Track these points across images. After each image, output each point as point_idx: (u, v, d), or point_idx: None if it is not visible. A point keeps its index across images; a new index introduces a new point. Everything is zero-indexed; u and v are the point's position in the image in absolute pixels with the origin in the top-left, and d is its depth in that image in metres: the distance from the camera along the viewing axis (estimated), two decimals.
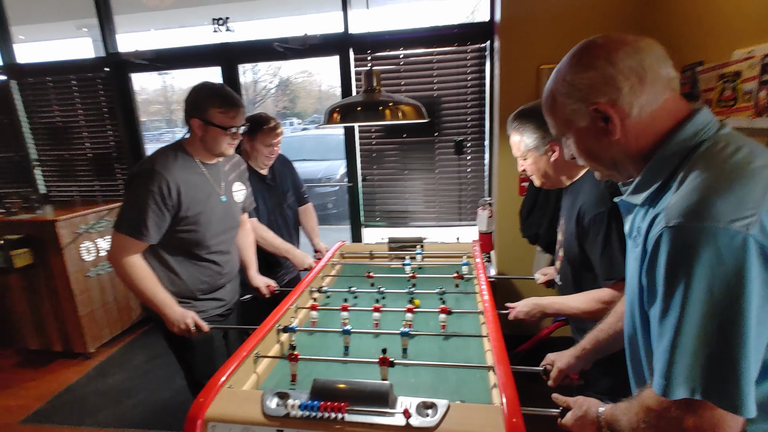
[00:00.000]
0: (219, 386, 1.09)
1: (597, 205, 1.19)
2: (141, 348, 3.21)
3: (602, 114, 0.74)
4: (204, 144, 1.56)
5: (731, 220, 0.60)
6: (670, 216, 0.64)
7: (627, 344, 0.88)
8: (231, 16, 3.07)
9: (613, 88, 0.72)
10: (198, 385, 1.65)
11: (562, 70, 0.78)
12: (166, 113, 15.80)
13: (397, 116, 1.45)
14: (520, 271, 2.76)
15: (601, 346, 1.11)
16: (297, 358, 1.24)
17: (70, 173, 3.57)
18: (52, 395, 2.65)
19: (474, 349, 1.41)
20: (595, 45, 0.75)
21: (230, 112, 1.51)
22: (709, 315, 0.60)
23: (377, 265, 2.19)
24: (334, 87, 14.65)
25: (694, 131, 0.71)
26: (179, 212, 1.52)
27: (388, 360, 1.17)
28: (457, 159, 2.98)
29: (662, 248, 0.65)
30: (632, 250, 0.82)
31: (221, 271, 1.70)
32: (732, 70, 1.54)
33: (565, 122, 0.80)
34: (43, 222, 2.82)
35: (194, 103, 1.52)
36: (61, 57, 3.39)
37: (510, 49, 2.50)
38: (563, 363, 1.17)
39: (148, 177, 1.46)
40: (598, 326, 1.12)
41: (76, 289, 2.92)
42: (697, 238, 0.61)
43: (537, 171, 1.38)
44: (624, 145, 0.75)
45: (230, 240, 1.75)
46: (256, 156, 2.08)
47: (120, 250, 1.47)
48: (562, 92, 0.77)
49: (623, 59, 0.71)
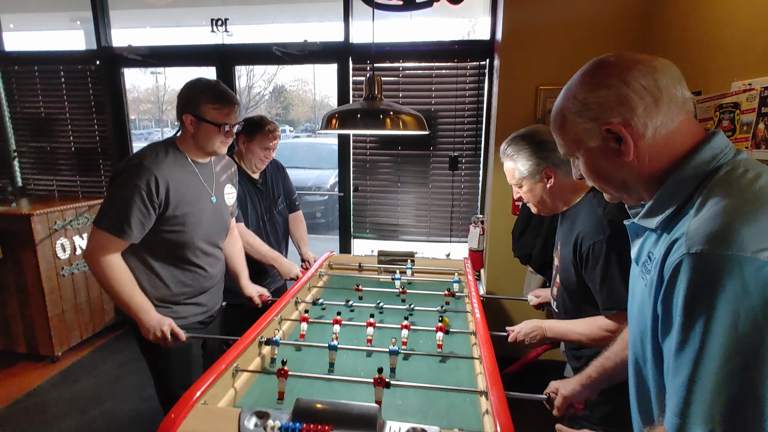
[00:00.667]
0: (193, 402, 1.01)
1: (595, 233, 1.16)
2: (112, 353, 3.05)
3: (615, 134, 0.71)
4: (196, 141, 1.50)
5: (758, 250, 0.57)
6: (692, 242, 0.61)
7: (632, 375, 0.83)
8: (230, 18, 3.03)
9: (627, 107, 0.69)
10: (171, 397, 1.55)
11: (573, 87, 0.75)
12: (156, 112, 15.61)
13: (398, 126, 1.41)
14: (510, 291, 2.73)
15: (608, 374, 1.07)
16: (287, 374, 1.15)
17: (50, 166, 3.44)
18: (12, 399, 2.49)
19: (464, 370, 1.35)
20: (609, 63, 0.72)
21: (224, 109, 1.46)
22: (733, 351, 0.56)
23: (366, 278, 2.13)
24: (329, 97, 14.63)
25: (711, 155, 0.68)
26: (166, 211, 1.44)
27: (384, 381, 1.09)
28: (451, 175, 2.97)
29: (682, 275, 0.61)
30: (641, 277, 0.78)
31: (206, 276, 1.62)
32: (730, 101, 1.55)
33: (574, 141, 0.77)
34: (17, 216, 2.69)
35: (187, 98, 1.46)
36: (52, 48, 3.29)
37: (509, 69, 2.51)
38: (568, 391, 1.13)
39: (135, 172, 1.38)
40: (604, 354, 1.08)
41: (47, 287, 2.78)
42: (721, 266, 0.57)
43: (533, 198, 1.35)
44: (637, 167, 0.72)
45: (218, 243, 1.68)
46: (251, 158, 2.03)
47: (98, 248, 1.38)
48: (573, 110, 0.74)
49: (637, 78, 0.69)
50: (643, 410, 0.82)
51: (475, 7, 2.87)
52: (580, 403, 1.13)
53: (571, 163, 0.85)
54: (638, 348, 0.79)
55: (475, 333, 1.46)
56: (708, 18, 1.77)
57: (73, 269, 2.97)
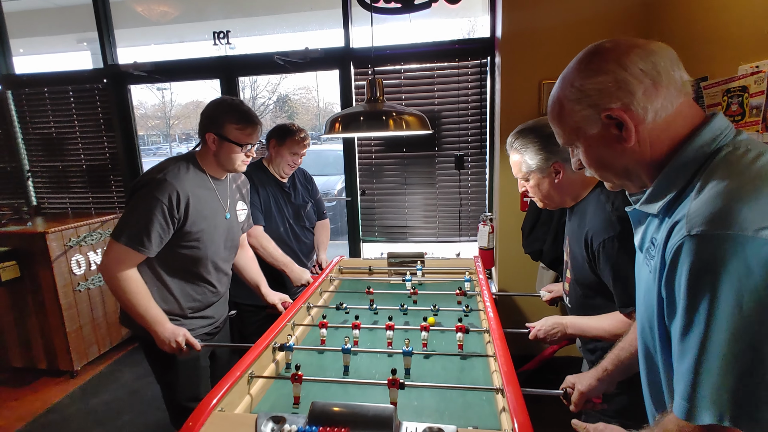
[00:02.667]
0: (210, 409, 1.01)
1: (605, 230, 1.14)
2: (129, 366, 3.09)
3: (615, 120, 0.70)
4: (217, 159, 1.53)
5: (759, 228, 0.56)
6: (692, 224, 0.60)
7: (642, 363, 0.82)
8: (232, 31, 3.08)
9: (626, 92, 0.68)
10: (179, 408, 1.57)
11: (570, 75, 0.74)
12: (164, 128, 15.85)
13: (401, 126, 1.42)
14: (522, 288, 2.71)
15: (624, 366, 1.05)
16: (301, 379, 1.15)
17: (63, 185, 3.51)
18: (34, 416, 2.53)
19: (479, 369, 1.34)
20: (605, 48, 0.71)
21: (247, 129, 1.50)
22: (739, 332, 0.55)
23: (377, 281, 2.13)
24: (333, 104, 14.73)
25: (711, 137, 0.67)
26: (184, 226, 1.46)
27: (398, 382, 1.08)
28: (457, 174, 2.96)
29: (683, 258, 0.60)
30: (645, 263, 0.77)
31: (215, 291, 1.64)
32: (738, 84, 1.53)
33: (573, 130, 0.76)
34: (32, 234, 2.75)
35: (211, 117, 1.50)
36: (60, 69, 3.37)
37: (511, 65, 2.50)
38: (584, 386, 1.10)
39: (157, 186, 1.40)
40: (618, 345, 1.07)
41: (64, 303, 2.82)
42: (723, 247, 0.56)
43: (539, 192, 1.33)
44: (638, 152, 0.71)
45: (229, 259, 1.70)
46: (279, 162, 2.09)
47: (116, 261, 1.39)
48: (571, 98, 0.73)
49: (635, 62, 0.68)
50: (655, 398, 0.80)
51: (474, 6, 2.87)
52: (597, 398, 1.11)
53: (570, 153, 0.84)
54: (647, 335, 0.78)
55: (489, 331, 1.45)
56: (713, 2, 1.75)
57: (88, 284, 3.02)
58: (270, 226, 2.07)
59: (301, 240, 2.23)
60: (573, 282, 1.33)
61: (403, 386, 1.09)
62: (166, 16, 3.76)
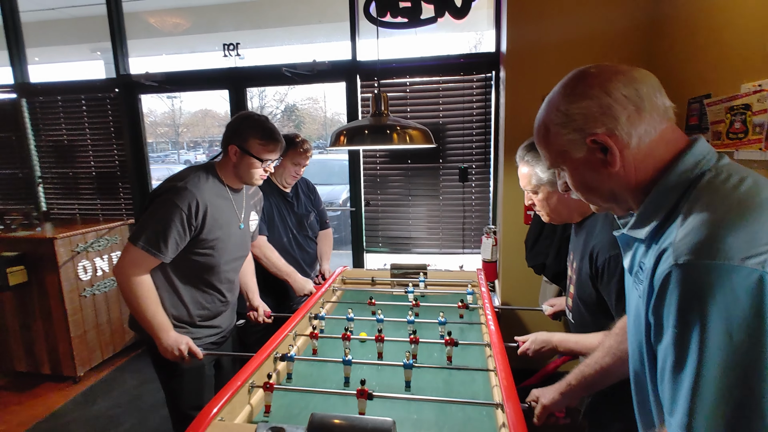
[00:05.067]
0: (210, 418, 1.02)
1: (611, 247, 1.14)
2: (132, 372, 3.10)
3: (600, 145, 0.71)
4: (236, 171, 1.56)
5: (745, 257, 0.56)
6: (678, 253, 0.61)
7: (633, 384, 0.83)
8: (242, 42, 3.14)
9: (611, 117, 0.69)
10: (182, 416, 1.58)
11: (555, 99, 0.75)
12: (172, 135, 16.05)
13: (405, 140, 1.44)
14: (525, 301, 2.69)
15: (588, 382, 1.05)
16: (273, 388, 1.18)
17: (72, 191, 3.57)
18: (35, 421, 2.54)
19: (480, 383, 1.34)
20: (589, 74, 0.73)
21: (269, 146, 1.54)
22: (731, 361, 0.55)
23: (379, 292, 2.13)
24: (339, 114, 14.80)
25: (694, 162, 0.68)
26: (200, 234, 1.49)
27: (366, 392, 1.11)
28: (461, 186, 2.97)
29: (672, 288, 0.60)
30: (635, 287, 0.77)
31: (224, 300, 1.65)
32: (741, 103, 1.54)
33: (559, 153, 0.77)
34: (41, 239, 2.79)
35: (236, 130, 1.53)
36: (73, 78, 3.45)
37: (516, 80, 2.53)
38: (547, 399, 1.11)
39: (178, 193, 1.43)
40: (585, 361, 1.08)
41: (69, 309, 2.85)
42: (710, 276, 0.57)
43: (547, 206, 1.33)
44: (623, 176, 0.72)
45: (238, 268, 1.73)
46: (281, 172, 2.12)
47: (131, 264, 1.42)
48: (556, 122, 0.74)
49: (619, 88, 0.69)
50: (645, 421, 0.81)
51: (480, 21, 2.91)
52: (560, 412, 1.12)
53: (557, 175, 0.85)
54: (636, 359, 0.78)
55: (490, 345, 1.44)
56: (715, 22, 1.77)
57: (94, 290, 3.04)
58: (273, 236, 2.08)
59: (304, 249, 2.24)
60: (576, 298, 1.33)
61: (371, 397, 1.11)
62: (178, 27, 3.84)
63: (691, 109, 1.88)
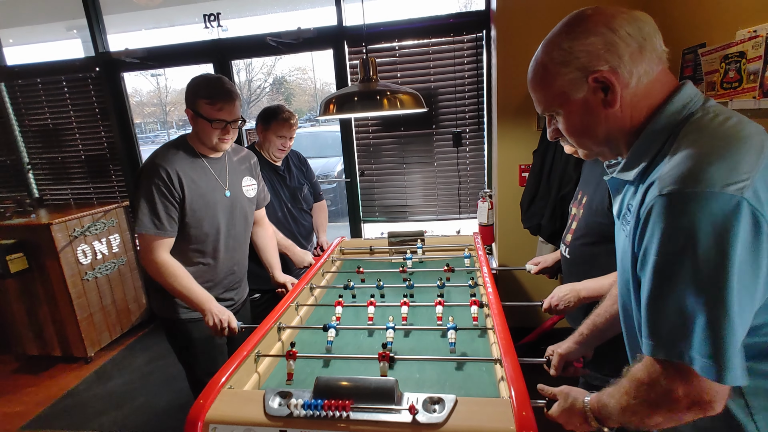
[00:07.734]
0: (219, 387, 1.06)
1: None
2: (141, 350, 3.17)
3: (602, 84, 0.70)
4: (197, 136, 1.54)
5: (726, 185, 0.58)
6: (663, 184, 0.63)
7: (623, 320, 0.87)
8: (222, 12, 3.02)
9: (614, 55, 0.69)
10: (199, 383, 1.62)
11: (556, 38, 0.74)
12: (160, 114, 15.71)
13: (395, 105, 1.41)
14: (522, 262, 2.71)
15: (599, 330, 1.10)
16: (295, 356, 1.21)
17: (64, 176, 3.52)
18: (52, 400, 2.62)
19: (479, 341, 1.38)
20: (592, 12, 0.72)
21: (216, 104, 1.45)
22: (708, 279, 0.59)
23: (378, 261, 2.16)
24: (329, 84, 14.48)
25: (682, 104, 0.70)
26: (185, 202, 1.49)
27: (387, 356, 1.14)
28: (455, 151, 2.95)
29: (655, 216, 0.63)
30: (621, 229, 0.80)
31: (231, 271, 1.67)
32: (736, 50, 1.51)
33: (558, 95, 0.75)
34: (37, 226, 2.78)
35: (187, 93, 1.50)
36: (51, 59, 3.33)
37: (507, 38, 2.46)
38: (563, 349, 1.16)
39: (149, 170, 1.46)
40: (595, 311, 1.12)
41: (73, 292, 2.88)
42: (693, 203, 0.59)
43: None
44: (620, 118, 0.73)
45: (240, 238, 1.71)
46: (268, 147, 2.10)
47: (146, 250, 1.46)
48: (557, 61, 0.73)
49: (623, 26, 0.69)
50: (633, 350, 0.86)
51: None
52: (578, 362, 1.16)
53: (547, 122, 0.84)
54: (625, 294, 0.82)
55: (488, 305, 1.48)
56: None
57: (96, 273, 3.07)
58: (268, 211, 2.08)
59: (299, 222, 2.25)
60: (582, 228, 1.36)
61: (393, 360, 1.15)
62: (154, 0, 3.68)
63: (685, 60, 1.84)
